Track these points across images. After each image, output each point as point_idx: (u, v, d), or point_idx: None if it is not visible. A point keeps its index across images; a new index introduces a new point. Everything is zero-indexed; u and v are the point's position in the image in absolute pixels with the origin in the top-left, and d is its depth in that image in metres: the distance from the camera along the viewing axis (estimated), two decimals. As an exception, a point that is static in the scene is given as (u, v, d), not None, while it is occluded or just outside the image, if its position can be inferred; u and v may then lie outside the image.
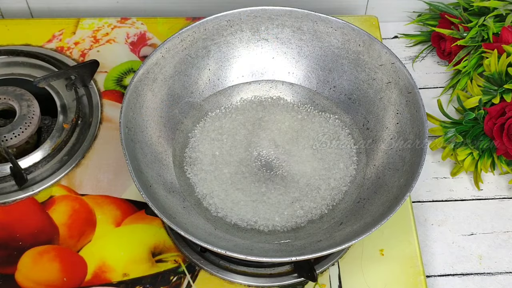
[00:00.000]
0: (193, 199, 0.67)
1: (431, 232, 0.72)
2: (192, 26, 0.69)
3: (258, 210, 0.65)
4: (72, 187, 0.71)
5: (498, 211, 0.74)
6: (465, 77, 0.80)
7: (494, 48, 0.75)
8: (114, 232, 0.68)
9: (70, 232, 0.68)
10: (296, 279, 0.65)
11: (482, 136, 0.74)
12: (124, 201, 0.70)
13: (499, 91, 0.73)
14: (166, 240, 0.67)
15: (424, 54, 0.88)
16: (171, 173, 0.67)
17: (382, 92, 0.69)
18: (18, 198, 0.70)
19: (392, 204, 0.59)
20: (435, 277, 0.69)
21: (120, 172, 0.72)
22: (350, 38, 0.70)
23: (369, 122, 0.70)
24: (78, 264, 0.65)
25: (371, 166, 0.68)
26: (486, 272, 0.69)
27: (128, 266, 0.65)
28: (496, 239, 0.71)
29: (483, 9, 0.82)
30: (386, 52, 0.68)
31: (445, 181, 0.76)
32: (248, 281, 0.65)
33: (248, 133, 0.71)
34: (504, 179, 0.76)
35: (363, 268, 0.66)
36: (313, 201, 0.66)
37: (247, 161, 0.69)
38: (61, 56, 0.82)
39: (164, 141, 0.69)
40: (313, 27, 0.71)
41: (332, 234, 0.62)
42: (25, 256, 0.66)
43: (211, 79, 0.73)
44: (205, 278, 0.65)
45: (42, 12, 0.91)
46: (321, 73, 0.73)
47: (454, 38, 0.81)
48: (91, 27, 0.85)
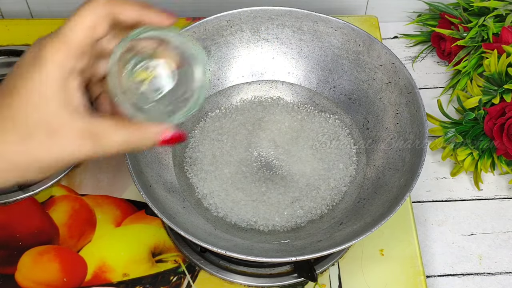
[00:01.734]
0: (193, 199, 0.67)
1: (431, 232, 0.72)
2: (192, 26, 0.69)
3: (258, 210, 0.65)
4: (72, 187, 0.71)
5: (498, 211, 0.74)
6: (465, 77, 0.80)
7: (494, 48, 0.75)
8: (114, 232, 0.68)
9: (70, 232, 0.68)
10: (296, 279, 0.65)
11: (482, 136, 0.74)
12: (124, 201, 0.70)
13: (499, 91, 0.73)
14: (166, 240, 0.67)
15: (424, 54, 0.88)
16: (171, 173, 0.67)
17: (382, 92, 0.69)
18: (18, 198, 0.70)
19: (392, 204, 0.59)
20: (435, 277, 0.69)
21: (120, 172, 0.72)
22: (350, 38, 0.70)
23: (369, 122, 0.70)
24: (78, 264, 0.65)
25: (371, 166, 0.68)
26: (486, 272, 0.69)
27: (128, 266, 0.65)
28: (496, 239, 0.71)
29: (483, 9, 0.82)
30: (386, 52, 0.68)
31: (445, 181, 0.76)
32: (248, 281, 0.65)
33: (248, 133, 0.71)
34: (504, 179, 0.76)
35: (363, 268, 0.66)
36: (313, 201, 0.66)
37: (247, 161, 0.69)
38: (61, 56, 0.82)
39: (164, 141, 0.69)
40: (313, 27, 0.71)
41: (332, 234, 0.62)
42: (25, 256, 0.66)
43: (211, 79, 0.73)
44: (205, 278, 0.65)
45: (42, 12, 0.91)
46: (321, 73, 0.73)
47: (454, 38, 0.81)
48: (91, 27, 0.85)
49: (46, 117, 0.41)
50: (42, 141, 0.41)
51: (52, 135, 0.41)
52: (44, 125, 0.41)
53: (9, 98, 0.41)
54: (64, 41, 0.41)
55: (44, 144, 0.41)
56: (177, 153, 0.69)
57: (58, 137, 0.41)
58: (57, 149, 0.42)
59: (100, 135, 0.43)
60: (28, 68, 0.42)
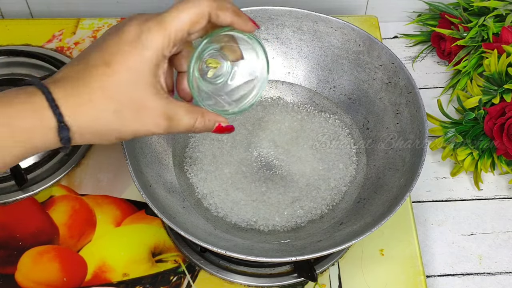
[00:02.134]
0: (193, 199, 0.67)
1: (431, 232, 0.72)
2: (192, 26, 0.69)
3: (258, 210, 0.65)
4: (72, 187, 0.71)
5: (498, 211, 0.74)
6: (465, 77, 0.80)
7: (494, 48, 0.74)
8: (114, 232, 0.68)
9: (70, 232, 0.68)
10: (296, 279, 0.65)
11: (482, 136, 0.74)
12: (124, 201, 0.70)
13: (499, 91, 0.73)
14: (166, 240, 0.67)
15: (424, 54, 0.88)
16: (171, 173, 0.67)
17: (382, 92, 0.69)
18: (18, 198, 0.70)
19: (392, 204, 0.59)
20: (435, 277, 0.69)
21: (120, 172, 0.72)
22: (350, 38, 0.70)
23: (369, 122, 0.70)
24: (78, 264, 0.65)
25: (371, 166, 0.68)
26: (486, 272, 0.69)
27: (128, 266, 0.65)
28: (496, 239, 0.71)
29: (483, 9, 0.82)
30: (386, 52, 0.68)
31: (445, 181, 0.76)
32: (248, 281, 0.65)
33: (248, 133, 0.71)
34: (504, 179, 0.76)
35: (363, 268, 0.66)
36: (313, 201, 0.66)
37: (247, 161, 0.69)
38: (61, 56, 0.82)
39: (164, 141, 0.69)
40: (313, 27, 0.71)
41: (332, 234, 0.62)
42: (25, 256, 0.66)
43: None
44: (205, 278, 0.65)
45: (42, 12, 0.91)
46: (321, 73, 0.73)
47: (454, 38, 0.81)
48: (91, 27, 0.85)
49: (136, 95, 0.45)
50: (127, 116, 0.46)
51: (137, 113, 0.46)
52: (133, 102, 0.45)
53: (103, 69, 0.44)
54: (165, 28, 0.45)
55: (128, 120, 0.46)
56: (177, 153, 0.69)
57: (142, 115, 0.46)
58: (138, 125, 0.46)
59: (174, 118, 0.48)
60: (130, 47, 0.45)
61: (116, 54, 0.45)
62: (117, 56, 0.45)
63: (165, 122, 0.47)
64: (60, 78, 0.45)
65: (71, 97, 0.44)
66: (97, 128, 0.45)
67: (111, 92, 0.44)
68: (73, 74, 0.45)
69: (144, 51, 0.45)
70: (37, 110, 0.43)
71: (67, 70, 0.46)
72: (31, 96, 0.43)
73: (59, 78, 0.45)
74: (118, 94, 0.45)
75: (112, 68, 0.44)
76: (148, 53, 0.45)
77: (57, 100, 0.43)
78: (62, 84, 0.44)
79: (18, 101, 0.43)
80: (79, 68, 0.45)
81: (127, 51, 0.45)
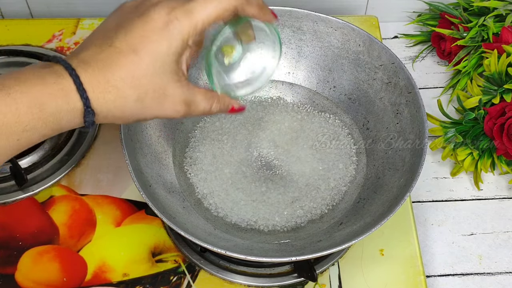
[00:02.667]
0: (193, 199, 0.67)
1: (431, 232, 0.72)
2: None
3: (258, 210, 0.65)
4: (72, 187, 0.71)
5: (498, 211, 0.74)
6: (465, 77, 0.80)
7: (494, 48, 0.75)
8: (114, 232, 0.68)
9: (70, 232, 0.68)
10: (296, 279, 0.65)
11: (482, 136, 0.74)
12: (124, 201, 0.70)
13: (499, 91, 0.73)
14: (166, 240, 0.67)
15: (424, 54, 0.88)
16: (171, 173, 0.67)
17: (382, 92, 0.69)
18: (18, 198, 0.70)
19: (392, 204, 0.59)
20: (435, 277, 0.69)
21: (120, 172, 0.72)
22: (350, 38, 0.70)
23: (369, 122, 0.70)
24: (78, 264, 0.65)
25: (371, 166, 0.68)
26: (486, 272, 0.69)
27: (128, 266, 0.65)
28: (496, 239, 0.71)
29: (483, 9, 0.82)
30: (386, 52, 0.68)
31: (445, 181, 0.76)
32: (248, 281, 0.65)
33: (248, 133, 0.71)
34: (504, 179, 0.76)
35: (363, 268, 0.66)
36: (313, 201, 0.66)
37: (247, 161, 0.69)
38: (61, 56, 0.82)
39: (164, 141, 0.69)
40: (313, 27, 0.71)
41: (332, 234, 0.62)
42: (25, 256, 0.66)
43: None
44: (205, 278, 0.65)
45: (42, 12, 0.91)
46: (321, 73, 0.73)
47: (454, 38, 0.81)
48: (91, 27, 0.85)
49: (159, 83, 0.46)
50: (148, 103, 0.47)
51: (159, 99, 0.47)
52: (155, 91, 0.46)
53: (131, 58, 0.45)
54: (193, 18, 0.46)
55: (148, 106, 0.47)
56: (177, 153, 0.69)
57: (163, 101, 0.47)
58: (159, 110, 0.48)
59: (193, 104, 0.49)
60: (158, 37, 0.45)
61: (143, 42, 0.45)
62: (145, 44, 0.45)
63: (184, 108, 0.49)
64: (86, 60, 0.45)
65: (98, 83, 0.44)
66: (119, 113, 0.46)
67: (137, 81, 0.45)
68: (99, 57, 0.45)
69: (171, 41, 0.46)
70: (66, 93, 0.43)
71: (92, 52, 0.45)
72: (59, 77, 0.43)
73: (86, 59, 0.45)
74: (143, 83, 0.46)
75: (140, 56, 0.45)
76: (175, 43, 0.46)
77: (84, 84, 0.44)
78: (89, 68, 0.44)
79: (50, 81, 0.43)
80: (104, 50, 0.45)
81: (154, 40, 0.45)
